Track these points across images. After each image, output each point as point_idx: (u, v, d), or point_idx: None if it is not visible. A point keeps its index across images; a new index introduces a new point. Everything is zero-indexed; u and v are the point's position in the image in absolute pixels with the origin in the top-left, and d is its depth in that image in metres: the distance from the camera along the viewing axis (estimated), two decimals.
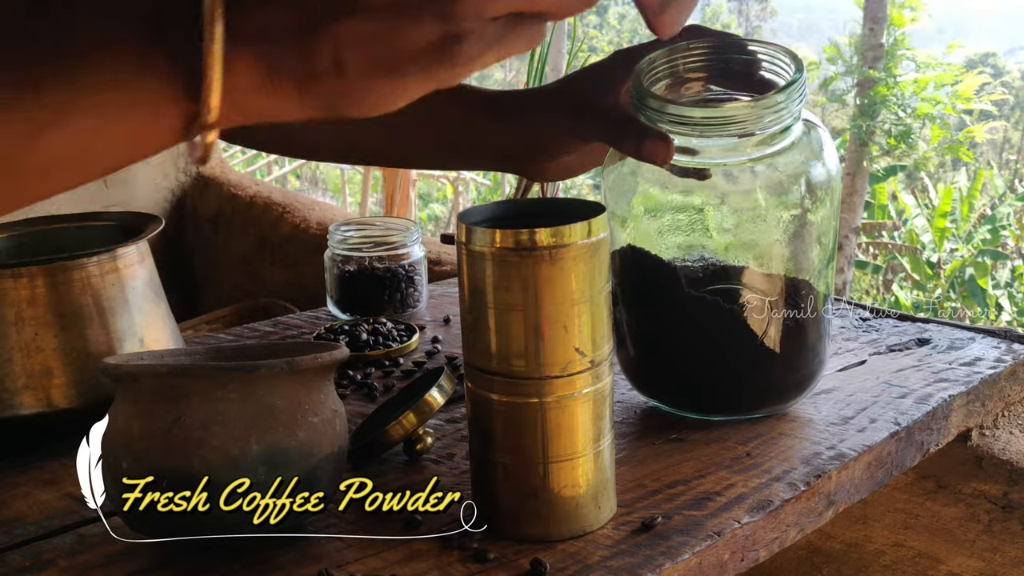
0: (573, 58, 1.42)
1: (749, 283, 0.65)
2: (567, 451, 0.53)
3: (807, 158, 0.64)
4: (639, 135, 0.60)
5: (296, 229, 2.15)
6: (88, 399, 0.66)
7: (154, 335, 0.71)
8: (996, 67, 13.46)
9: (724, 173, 0.63)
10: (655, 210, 0.66)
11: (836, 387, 0.75)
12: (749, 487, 0.60)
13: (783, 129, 0.62)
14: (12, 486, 0.63)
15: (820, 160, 0.64)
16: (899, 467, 0.69)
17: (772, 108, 0.60)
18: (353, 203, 5.68)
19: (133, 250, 0.70)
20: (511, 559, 0.52)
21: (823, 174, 0.64)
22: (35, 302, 0.65)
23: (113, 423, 0.51)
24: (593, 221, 0.51)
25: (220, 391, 0.50)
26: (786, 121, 0.61)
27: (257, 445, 0.50)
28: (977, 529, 0.82)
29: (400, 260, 0.97)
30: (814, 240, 0.65)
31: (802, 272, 0.66)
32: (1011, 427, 0.84)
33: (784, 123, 0.61)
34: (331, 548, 0.54)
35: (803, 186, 0.63)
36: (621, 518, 0.56)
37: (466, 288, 0.52)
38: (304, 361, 0.52)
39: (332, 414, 0.54)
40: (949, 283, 6.63)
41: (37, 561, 0.54)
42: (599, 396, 0.53)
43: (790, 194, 0.63)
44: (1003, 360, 0.80)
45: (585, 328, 0.51)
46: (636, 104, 0.61)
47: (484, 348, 0.52)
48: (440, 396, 0.62)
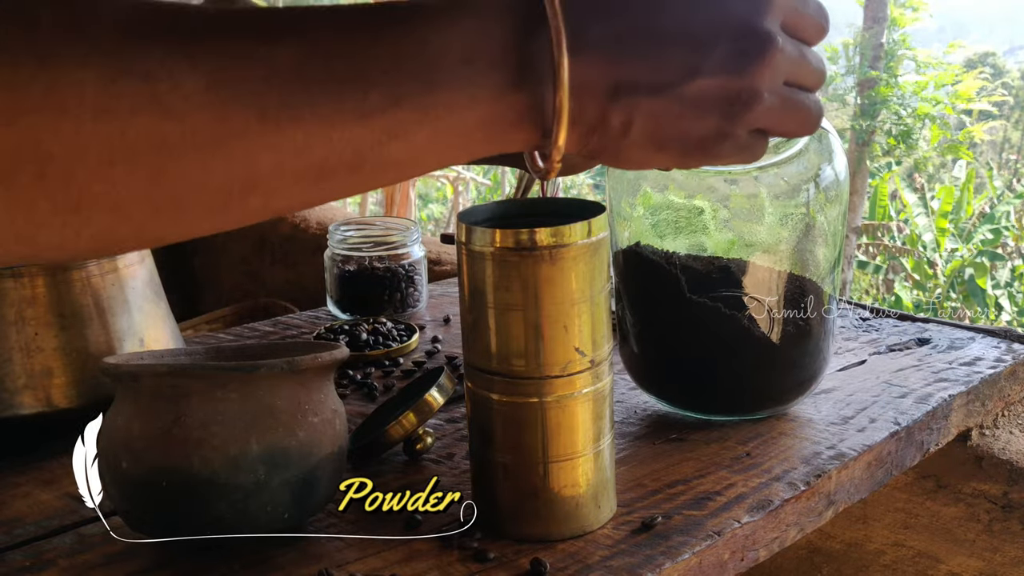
0: None
1: (753, 284, 0.65)
2: (567, 451, 0.53)
3: (818, 162, 0.64)
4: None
5: (296, 229, 2.15)
6: (88, 399, 0.66)
7: (154, 335, 0.71)
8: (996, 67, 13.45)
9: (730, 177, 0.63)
10: (658, 209, 0.66)
11: (836, 387, 0.75)
12: (749, 487, 0.60)
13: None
14: (12, 486, 0.63)
15: (831, 164, 0.64)
16: (899, 467, 0.69)
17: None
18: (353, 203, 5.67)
19: None
20: (511, 559, 0.52)
21: (832, 177, 0.64)
22: (35, 302, 0.65)
23: (113, 423, 0.51)
24: (593, 221, 0.51)
25: (220, 391, 0.50)
26: None
27: (257, 445, 0.50)
28: (977, 529, 0.82)
29: (400, 260, 0.97)
30: (822, 242, 0.65)
31: (809, 273, 0.66)
32: (1011, 427, 0.84)
33: None
34: (331, 548, 0.54)
35: (812, 188, 0.63)
36: (621, 518, 0.56)
37: (466, 288, 0.52)
38: (304, 361, 0.52)
39: (332, 414, 0.54)
40: (949, 283, 6.63)
41: (37, 561, 0.54)
42: (599, 396, 0.53)
43: (799, 195, 0.63)
44: (1003, 360, 0.80)
45: (585, 328, 0.51)
46: None
47: (484, 348, 0.52)
48: (440, 396, 0.62)
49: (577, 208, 0.53)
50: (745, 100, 0.41)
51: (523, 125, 0.39)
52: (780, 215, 0.64)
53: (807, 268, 0.66)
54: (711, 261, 0.65)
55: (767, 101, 0.41)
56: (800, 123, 0.44)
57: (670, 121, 0.40)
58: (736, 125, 0.41)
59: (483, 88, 0.38)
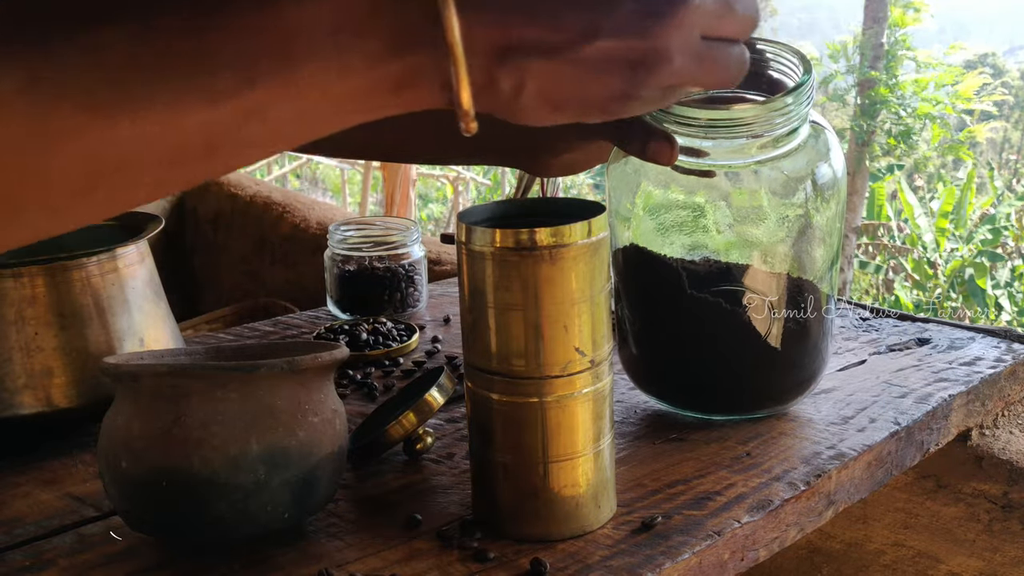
0: None
1: (752, 283, 0.65)
2: (567, 451, 0.53)
3: (814, 159, 0.63)
4: (644, 135, 0.60)
5: (296, 229, 2.15)
6: (88, 399, 0.66)
7: (154, 335, 0.71)
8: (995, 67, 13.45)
9: (730, 173, 0.63)
10: (659, 208, 0.66)
11: (836, 387, 0.75)
12: (749, 487, 0.60)
13: (791, 131, 0.61)
14: (12, 486, 0.63)
15: (827, 161, 0.64)
16: (899, 467, 0.69)
17: (780, 111, 0.59)
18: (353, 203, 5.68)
19: (133, 250, 0.70)
20: (511, 559, 0.52)
21: (829, 175, 0.64)
22: (35, 302, 0.65)
23: (113, 422, 0.51)
24: (593, 221, 0.51)
25: (220, 391, 0.50)
26: (794, 123, 0.60)
27: (257, 445, 0.50)
28: (977, 529, 0.82)
29: (400, 260, 0.98)
30: (819, 241, 0.65)
31: (806, 272, 0.66)
32: (1011, 427, 0.84)
33: (792, 125, 0.60)
34: (331, 548, 0.54)
35: (809, 187, 0.63)
36: (621, 518, 0.56)
37: (466, 288, 0.52)
38: (304, 361, 0.52)
39: (332, 414, 0.54)
40: (949, 283, 6.62)
41: (37, 561, 0.54)
42: (599, 396, 0.53)
43: (796, 194, 0.63)
44: (1003, 360, 0.80)
45: (585, 328, 0.51)
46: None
47: (484, 348, 0.52)
48: (440, 396, 0.62)
49: (577, 208, 0.53)
50: (651, 63, 0.38)
51: (404, 92, 0.37)
52: (778, 214, 0.63)
53: (805, 267, 0.66)
54: (709, 260, 0.65)
55: (676, 62, 0.39)
56: (717, 79, 0.41)
57: (567, 83, 0.38)
58: (640, 88, 0.39)
59: (353, 57, 0.35)
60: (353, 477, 0.62)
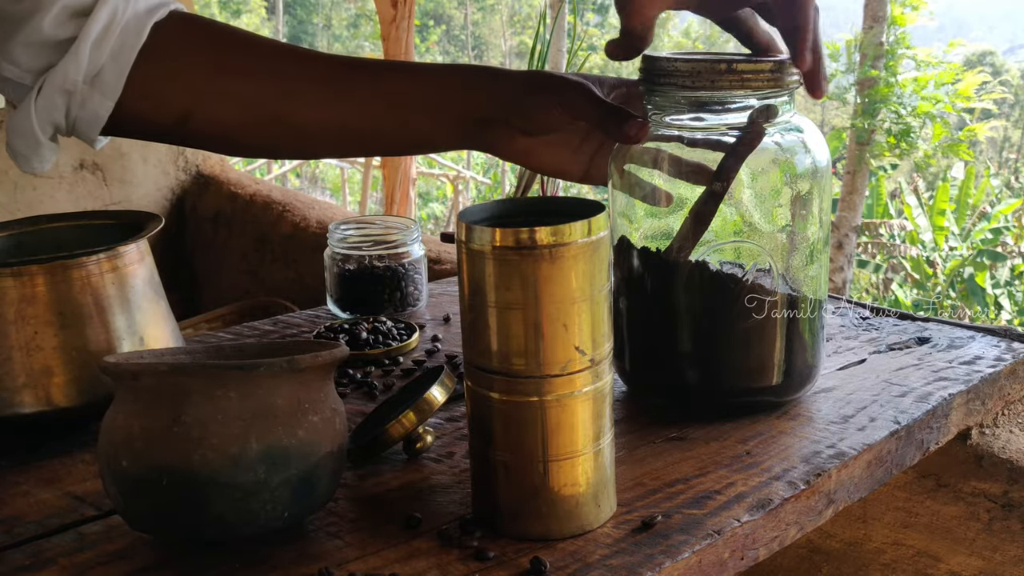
0: (573, 56, 1.42)
1: (744, 279, 0.65)
2: (567, 450, 0.53)
3: (795, 152, 0.65)
4: (622, 118, 0.61)
5: (296, 228, 2.15)
6: (88, 398, 0.66)
7: (154, 334, 0.71)
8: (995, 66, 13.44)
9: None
10: (655, 207, 0.66)
11: (836, 386, 0.75)
12: (749, 486, 0.60)
13: (784, 99, 0.64)
14: (12, 485, 0.63)
15: (808, 152, 0.65)
16: (899, 466, 0.69)
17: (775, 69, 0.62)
18: (353, 202, 5.68)
19: (133, 249, 0.70)
20: (511, 558, 0.52)
21: (810, 164, 0.65)
22: (35, 301, 0.65)
23: (113, 421, 0.51)
24: (593, 220, 0.51)
25: (220, 390, 0.50)
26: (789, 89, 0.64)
27: (257, 444, 0.50)
28: (977, 528, 0.82)
29: (400, 259, 0.97)
30: (806, 232, 0.66)
31: (797, 267, 0.66)
32: (1011, 426, 0.84)
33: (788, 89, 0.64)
34: (331, 547, 0.54)
35: (792, 179, 0.65)
36: (621, 517, 0.56)
37: (466, 287, 0.52)
38: (304, 360, 0.52)
39: (332, 413, 0.54)
40: (949, 282, 6.62)
41: (37, 560, 0.54)
42: (599, 395, 0.53)
43: (781, 190, 0.64)
44: (1003, 359, 0.80)
45: (585, 327, 0.51)
46: (644, 70, 0.64)
47: (484, 347, 0.52)
48: (440, 395, 0.62)
49: (577, 207, 0.53)
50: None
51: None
52: (761, 209, 0.65)
53: (797, 263, 0.66)
54: (704, 259, 0.66)
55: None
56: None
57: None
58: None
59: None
60: (353, 476, 0.62)
